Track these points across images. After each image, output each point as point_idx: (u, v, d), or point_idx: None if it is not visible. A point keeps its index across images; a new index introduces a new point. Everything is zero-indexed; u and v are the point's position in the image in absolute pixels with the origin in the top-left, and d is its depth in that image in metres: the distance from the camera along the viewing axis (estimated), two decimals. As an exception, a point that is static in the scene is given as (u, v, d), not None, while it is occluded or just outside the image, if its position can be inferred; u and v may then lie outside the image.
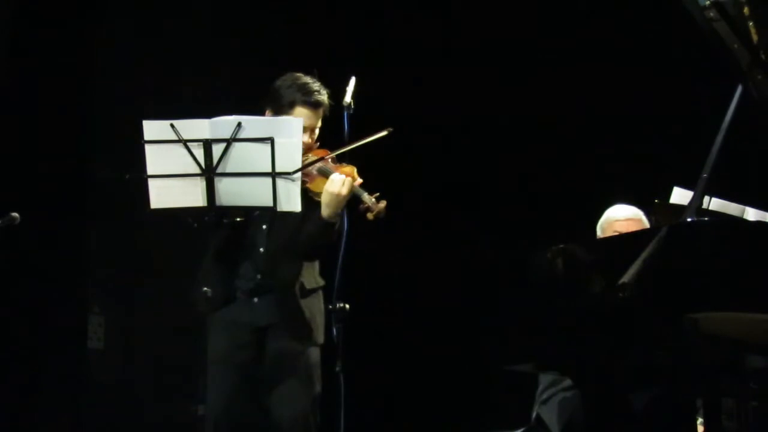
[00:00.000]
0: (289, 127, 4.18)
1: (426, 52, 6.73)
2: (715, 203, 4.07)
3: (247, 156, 4.15)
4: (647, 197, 4.32)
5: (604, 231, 4.85)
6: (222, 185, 4.19)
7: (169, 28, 6.57)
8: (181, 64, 6.53)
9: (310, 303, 4.53)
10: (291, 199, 4.18)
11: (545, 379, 4.75)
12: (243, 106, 4.35)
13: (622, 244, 3.89)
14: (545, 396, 4.72)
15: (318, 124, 4.54)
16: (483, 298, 4.26)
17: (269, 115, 4.52)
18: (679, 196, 4.42)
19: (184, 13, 6.61)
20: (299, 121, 4.28)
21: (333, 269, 4.55)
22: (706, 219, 3.74)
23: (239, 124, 4.13)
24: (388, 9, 6.80)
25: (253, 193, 4.18)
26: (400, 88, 6.50)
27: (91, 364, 6.42)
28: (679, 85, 6.19)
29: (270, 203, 4.17)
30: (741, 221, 4.26)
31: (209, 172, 4.17)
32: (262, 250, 4.50)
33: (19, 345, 6.11)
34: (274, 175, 4.14)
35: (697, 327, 3.53)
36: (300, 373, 4.47)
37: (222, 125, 4.15)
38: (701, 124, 4.16)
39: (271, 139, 4.12)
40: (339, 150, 4.44)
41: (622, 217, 4.84)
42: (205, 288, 4.46)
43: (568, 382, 4.58)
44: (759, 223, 4.35)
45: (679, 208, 4.03)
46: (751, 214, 4.52)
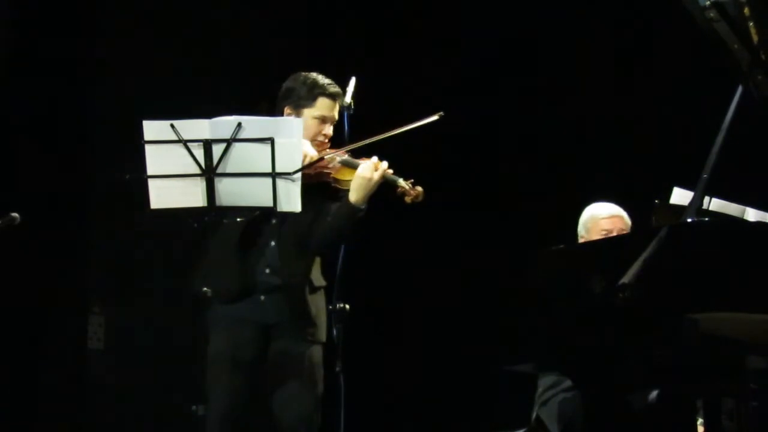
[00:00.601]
0: (290, 128, 4.18)
1: (426, 52, 6.73)
2: (715, 204, 4.08)
3: (247, 156, 4.14)
4: (647, 197, 4.32)
5: (589, 230, 4.86)
6: (222, 185, 4.18)
7: (170, 28, 6.57)
8: (181, 64, 6.53)
9: (316, 300, 4.53)
10: (291, 200, 4.17)
11: (545, 380, 4.75)
12: (243, 107, 4.35)
13: (621, 244, 3.89)
14: (545, 397, 4.73)
15: (336, 116, 4.55)
16: (483, 298, 4.26)
17: (288, 112, 4.54)
18: (679, 196, 4.43)
19: (184, 13, 6.61)
20: (299, 121, 4.28)
21: (333, 269, 4.55)
22: (707, 219, 3.74)
23: (239, 125, 4.13)
24: (388, 9, 6.80)
25: (253, 194, 4.17)
26: (400, 88, 6.50)
27: (91, 364, 6.42)
28: (679, 84, 6.19)
29: (270, 203, 4.17)
30: (741, 222, 4.26)
31: (209, 173, 4.16)
32: (273, 244, 4.49)
33: (19, 345, 6.11)
34: (274, 175, 4.13)
35: (697, 327, 3.52)
36: (304, 373, 4.46)
37: (222, 125, 4.15)
38: (701, 124, 4.16)
39: (271, 140, 4.12)
40: (348, 146, 4.47)
41: (606, 214, 4.86)
42: (204, 288, 4.45)
43: (567, 383, 4.59)
44: (759, 224, 4.35)
45: (679, 209, 4.03)
46: (751, 215, 4.52)
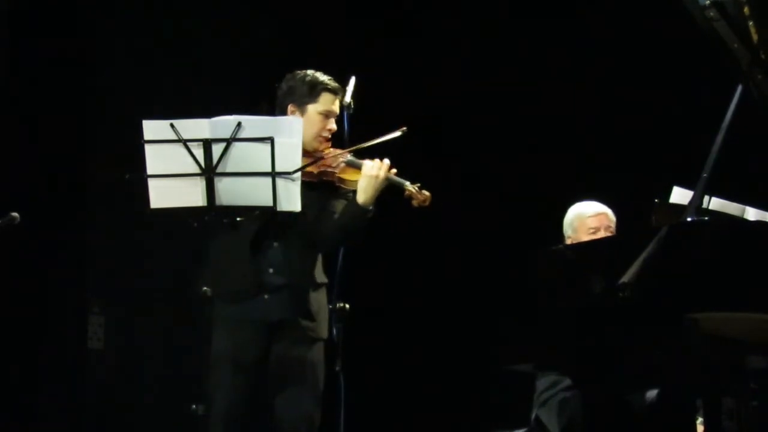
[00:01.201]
0: (289, 127, 4.18)
1: (425, 52, 6.73)
2: (714, 203, 4.07)
3: (247, 156, 4.14)
4: (647, 197, 4.32)
5: (576, 230, 4.87)
6: (222, 185, 4.18)
7: (169, 28, 6.57)
8: (181, 64, 6.53)
9: (318, 297, 4.53)
10: (291, 199, 4.18)
11: (543, 381, 4.75)
12: (243, 106, 4.35)
13: (621, 243, 3.89)
14: (544, 397, 4.72)
15: (338, 111, 4.56)
16: (483, 298, 4.26)
17: (292, 110, 4.53)
18: (679, 195, 4.43)
19: (184, 13, 6.61)
20: (299, 121, 4.28)
21: (333, 268, 4.55)
22: (706, 219, 3.74)
23: (239, 124, 4.13)
24: (387, 8, 6.80)
25: (253, 193, 4.18)
26: (400, 87, 6.50)
27: (91, 364, 6.42)
28: (679, 84, 6.19)
29: (270, 203, 4.17)
30: (741, 221, 4.26)
31: (209, 172, 4.16)
32: (276, 245, 4.48)
33: (19, 345, 6.11)
34: (274, 174, 4.14)
35: (697, 327, 3.52)
36: (305, 373, 4.46)
37: (222, 125, 4.15)
38: (701, 123, 4.16)
39: (271, 139, 4.12)
40: (352, 147, 4.48)
41: (592, 212, 4.88)
42: (205, 288, 4.45)
43: (566, 383, 4.58)
44: (759, 223, 4.35)
45: (679, 208, 4.03)
46: (751, 214, 4.51)
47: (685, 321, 3.52)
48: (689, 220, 3.72)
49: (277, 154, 4.12)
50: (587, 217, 4.87)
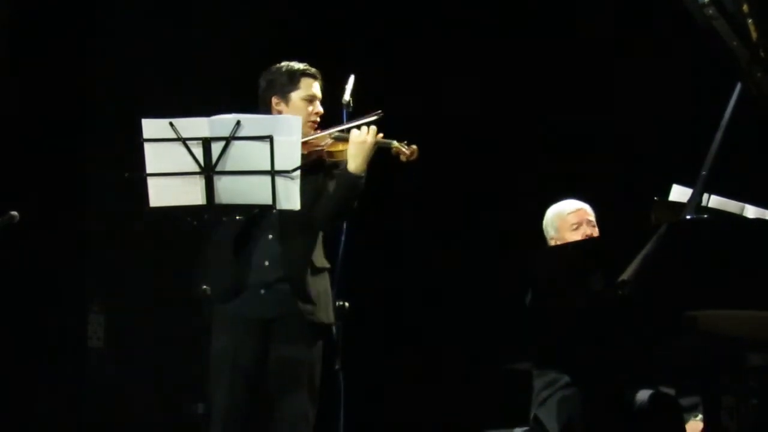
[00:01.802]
0: (289, 126, 4.18)
1: (425, 52, 6.73)
2: (714, 200, 4.07)
3: (246, 154, 4.15)
4: (647, 195, 4.32)
5: (558, 229, 4.88)
6: (221, 183, 4.18)
7: (169, 28, 6.57)
8: (180, 64, 6.53)
9: (318, 282, 4.52)
10: (290, 198, 4.18)
11: (542, 380, 4.75)
12: (242, 105, 4.35)
13: (621, 241, 3.89)
14: (542, 396, 4.72)
15: (320, 94, 4.59)
16: (483, 297, 4.26)
17: (276, 101, 4.57)
18: (678, 193, 4.43)
19: (183, 13, 6.61)
20: (298, 119, 4.28)
21: (333, 267, 4.55)
22: (705, 216, 3.74)
23: (238, 123, 4.14)
24: (388, 8, 6.80)
25: (253, 192, 4.18)
26: (399, 87, 6.50)
27: (91, 363, 6.42)
28: (678, 82, 6.19)
29: (269, 201, 4.17)
30: (740, 218, 4.27)
31: (208, 171, 4.16)
32: (271, 237, 4.49)
33: (19, 344, 6.11)
34: (273, 173, 4.14)
35: (697, 325, 3.52)
36: (303, 372, 4.47)
37: (221, 123, 4.15)
38: (700, 121, 4.16)
39: (270, 138, 4.12)
40: (332, 129, 4.53)
41: (572, 209, 4.90)
42: (204, 287, 4.46)
43: (565, 380, 4.58)
44: (758, 221, 4.35)
45: (678, 206, 4.04)
46: (751, 212, 4.51)
47: (685, 318, 3.52)
48: (688, 217, 3.72)
49: (276, 152, 4.12)
50: (567, 214, 4.89)
